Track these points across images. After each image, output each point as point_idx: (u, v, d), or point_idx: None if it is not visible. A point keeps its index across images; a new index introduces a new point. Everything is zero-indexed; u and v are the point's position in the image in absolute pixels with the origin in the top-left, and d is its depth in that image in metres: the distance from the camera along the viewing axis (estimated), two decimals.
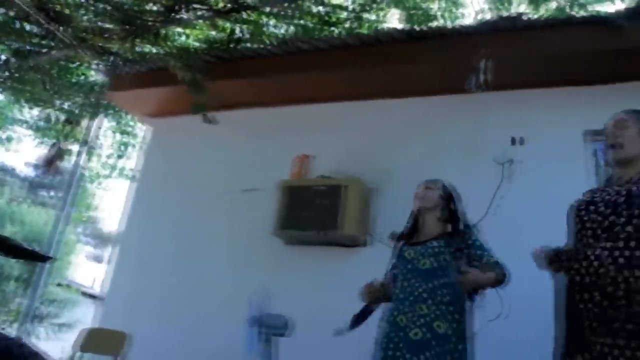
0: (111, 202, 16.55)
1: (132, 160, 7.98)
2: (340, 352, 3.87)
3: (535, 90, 4.31)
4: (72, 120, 6.37)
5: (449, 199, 3.02)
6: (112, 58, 5.08)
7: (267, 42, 5.15)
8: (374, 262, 3.29)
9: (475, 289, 2.70)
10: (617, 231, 2.02)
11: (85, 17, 4.82)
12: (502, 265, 2.72)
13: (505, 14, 4.03)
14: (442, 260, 2.75)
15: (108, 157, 8.14)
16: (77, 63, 5.92)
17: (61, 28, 4.64)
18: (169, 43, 5.82)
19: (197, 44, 5.79)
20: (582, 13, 4.05)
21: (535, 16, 4.00)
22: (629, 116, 2.31)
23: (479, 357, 3.31)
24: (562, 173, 3.73)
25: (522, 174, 4.08)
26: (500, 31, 4.04)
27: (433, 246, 2.78)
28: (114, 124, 7.78)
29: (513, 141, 4.19)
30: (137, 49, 5.69)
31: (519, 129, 4.21)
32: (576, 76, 4.18)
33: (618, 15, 3.81)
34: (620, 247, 1.99)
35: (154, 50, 5.49)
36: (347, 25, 6.09)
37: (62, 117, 6.53)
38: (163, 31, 4.96)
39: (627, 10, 3.80)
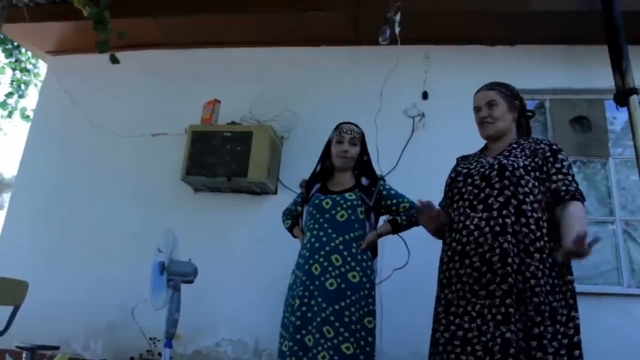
0: (12, 145, 15.65)
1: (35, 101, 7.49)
2: (250, 298, 3.94)
3: (446, 46, 4.43)
4: None
5: (363, 150, 3.02)
6: None
7: None
8: (283, 210, 3.32)
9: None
10: (491, 202, 2.19)
11: None
12: (416, 207, 2.84)
13: None
14: (358, 213, 2.79)
15: (7, 96, 7.57)
16: None
17: None
18: None
19: None
20: None
21: None
22: (496, 93, 2.45)
23: (385, 302, 3.49)
24: (469, 129, 3.83)
25: (431, 127, 4.22)
26: None
27: (351, 199, 2.80)
28: (12, 60, 7.20)
29: (425, 95, 4.30)
30: None
31: (430, 83, 4.33)
32: (482, 35, 4.32)
33: None
34: (494, 217, 2.16)
35: None
36: None
37: None
38: None
39: None
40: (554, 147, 2.32)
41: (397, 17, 3.71)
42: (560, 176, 2.22)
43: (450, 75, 4.30)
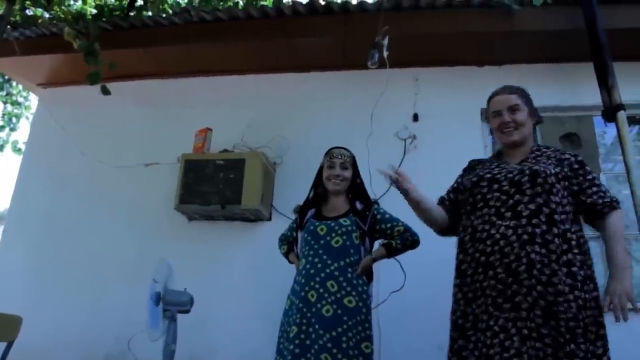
0: (4, 178, 15.69)
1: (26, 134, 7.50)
2: (248, 326, 3.90)
3: (435, 68, 4.47)
4: None
5: (356, 173, 3.06)
6: None
7: (168, 10, 4.97)
8: (278, 236, 3.31)
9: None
10: (520, 210, 2.10)
11: None
12: (411, 230, 2.88)
13: None
14: (353, 238, 2.80)
15: None
16: None
17: None
18: (63, 7, 5.50)
19: (94, 11, 5.49)
20: None
21: None
22: (518, 97, 2.39)
23: (383, 326, 3.46)
24: (461, 149, 3.84)
25: (423, 148, 4.23)
26: (402, 9, 4.13)
27: (346, 224, 2.81)
28: (2, 93, 7.23)
29: (415, 117, 4.32)
30: (28, 12, 5.32)
31: (420, 105, 4.35)
32: (470, 57, 4.37)
33: (510, 1, 4.00)
34: (523, 225, 2.07)
35: (46, 15, 5.15)
36: None
37: None
38: None
39: None
40: (579, 158, 2.27)
41: (385, 41, 3.74)
42: (594, 189, 2.18)
43: (440, 96, 4.33)
